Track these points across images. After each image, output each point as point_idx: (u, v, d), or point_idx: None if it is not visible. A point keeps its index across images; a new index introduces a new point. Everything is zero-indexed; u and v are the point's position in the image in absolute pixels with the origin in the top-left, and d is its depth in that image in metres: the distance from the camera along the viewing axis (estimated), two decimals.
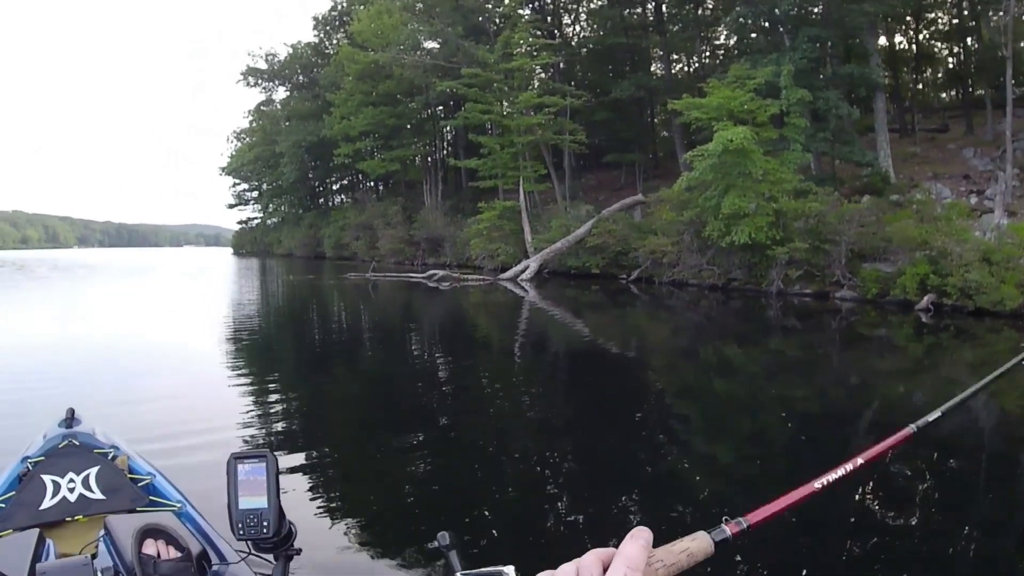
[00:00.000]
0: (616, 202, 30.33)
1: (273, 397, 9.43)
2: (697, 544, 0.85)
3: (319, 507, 5.41)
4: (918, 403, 8.89)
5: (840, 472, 1.11)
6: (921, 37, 34.61)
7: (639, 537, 0.77)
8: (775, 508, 0.99)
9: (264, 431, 7.47)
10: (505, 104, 32.71)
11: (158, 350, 13.45)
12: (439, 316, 20.19)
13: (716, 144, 19.42)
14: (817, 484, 1.07)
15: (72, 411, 3.40)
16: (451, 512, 5.32)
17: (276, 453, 6.53)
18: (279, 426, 7.88)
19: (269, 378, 10.85)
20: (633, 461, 6.71)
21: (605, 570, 0.75)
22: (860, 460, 1.15)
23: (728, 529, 0.88)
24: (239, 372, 11.24)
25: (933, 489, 6.04)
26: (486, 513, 5.38)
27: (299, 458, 6.55)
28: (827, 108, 22.76)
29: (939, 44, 35.78)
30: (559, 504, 5.69)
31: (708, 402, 9.29)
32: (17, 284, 35.52)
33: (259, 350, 14.03)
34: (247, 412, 8.24)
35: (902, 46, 35.04)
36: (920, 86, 37.73)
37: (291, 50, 60.84)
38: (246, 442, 6.91)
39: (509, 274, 27.91)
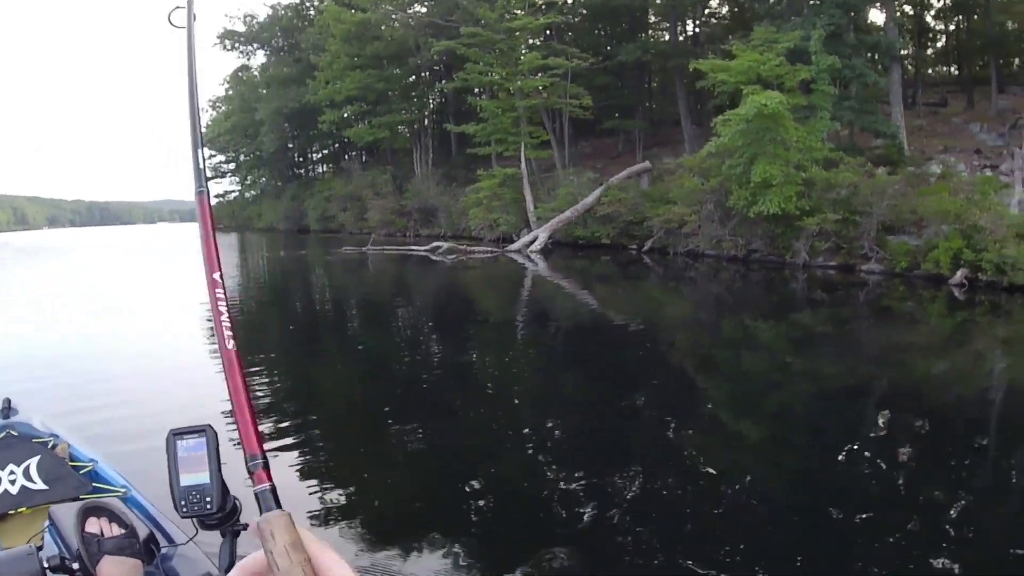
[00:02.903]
0: (616, 169, 28.93)
1: (277, 378, 9.29)
2: None
3: (305, 485, 5.34)
4: (952, 379, 8.71)
5: None
6: (923, 11, 34.02)
7: None
8: None
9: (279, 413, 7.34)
10: (505, 66, 30.82)
11: (123, 335, 12.96)
12: (446, 290, 19.08)
13: (748, 108, 18.09)
14: None
15: (8, 400, 3.31)
16: (446, 491, 5.21)
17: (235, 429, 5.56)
18: (282, 406, 7.77)
19: (281, 359, 10.53)
20: (649, 437, 6.55)
21: None
22: None
23: None
24: (212, 351, 10.40)
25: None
26: (483, 492, 5.25)
27: (286, 437, 6.44)
28: (853, 76, 21.88)
29: (938, 18, 35.19)
30: (564, 482, 5.43)
31: (730, 377, 8.98)
32: None
33: (263, 331, 13.54)
34: (212, 389, 7.85)
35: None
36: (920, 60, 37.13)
37: (271, 11, 58.20)
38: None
39: (517, 245, 26.44)
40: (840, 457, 5.76)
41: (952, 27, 35.01)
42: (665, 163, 28.41)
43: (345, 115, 44.50)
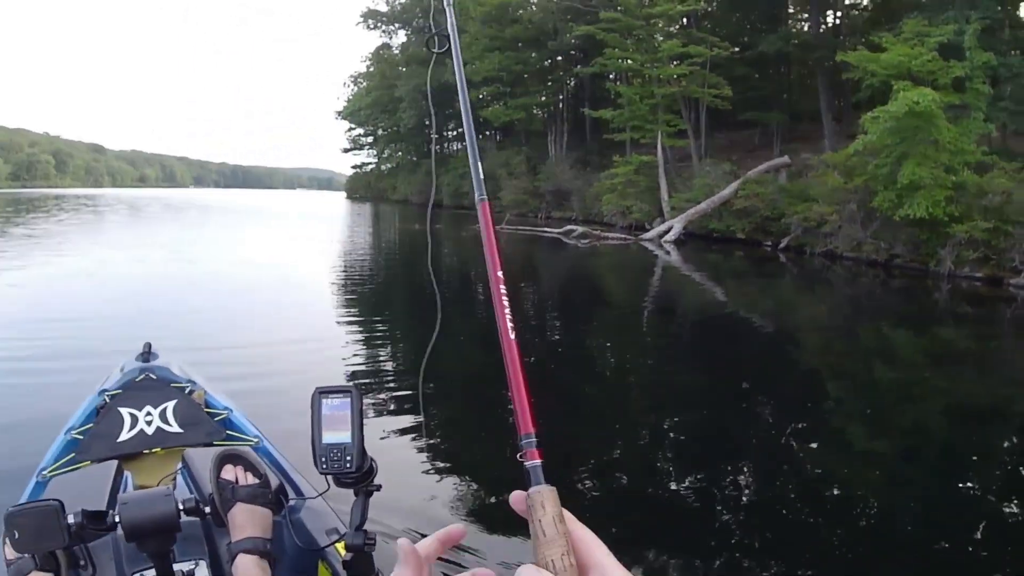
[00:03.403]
0: (751, 163, 28.52)
1: (381, 342, 9.76)
2: None
3: (415, 452, 5.55)
4: None
5: None
6: None
7: None
8: None
9: (366, 371, 7.76)
10: (644, 52, 30.91)
11: (267, 296, 13.59)
12: (578, 274, 19.30)
13: (900, 105, 17.56)
14: None
15: (149, 345, 3.37)
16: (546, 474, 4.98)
17: (377, 394, 6.81)
18: (387, 367, 8.22)
19: (384, 325, 11.12)
20: (767, 442, 6.37)
21: None
22: None
23: None
24: (348, 318, 11.53)
25: None
26: (585, 481, 5.25)
27: (400, 403, 6.68)
28: (1010, 75, 20.64)
29: None
30: (673, 481, 5.47)
31: (860, 388, 8.51)
32: (126, 223, 36.40)
33: (374, 297, 14.24)
34: (349, 354, 8.55)
35: None
36: None
37: None
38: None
39: (651, 234, 26.56)
40: (969, 484, 5.55)
41: None
42: (803, 158, 27.98)
43: (481, 95, 45.24)
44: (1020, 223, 16.67)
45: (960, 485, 5.56)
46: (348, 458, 1.75)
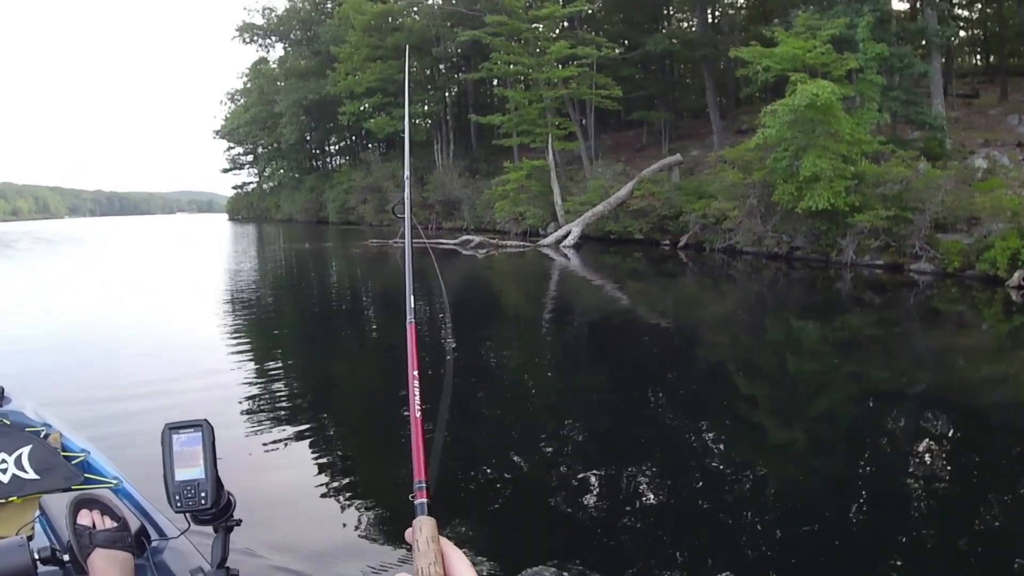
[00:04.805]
0: (641, 162, 28.33)
1: (258, 371, 9.22)
2: None
3: (292, 481, 5.45)
4: (1007, 386, 8.12)
5: None
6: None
7: None
8: None
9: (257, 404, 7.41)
10: (531, 56, 30.19)
11: (127, 325, 13.14)
12: (476, 286, 18.47)
13: (799, 98, 17.30)
14: None
15: (1, 389, 3.29)
16: (454, 484, 5.06)
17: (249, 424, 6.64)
18: (279, 399, 7.78)
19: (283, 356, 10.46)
20: (677, 440, 6.32)
21: None
22: None
23: None
24: (226, 348, 10.65)
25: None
26: (493, 484, 5.28)
27: (281, 430, 6.53)
28: (901, 66, 20.83)
29: (968, 6, 33.73)
30: (582, 483, 5.28)
31: (769, 379, 8.50)
32: None
33: (254, 324, 13.41)
34: (220, 386, 8.22)
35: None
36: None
37: (289, 4, 58.14)
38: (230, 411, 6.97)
39: (550, 240, 25.83)
40: (881, 466, 5.55)
41: (979, 15, 33.91)
42: (693, 156, 27.83)
43: (364, 107, 44.01)
44: (918, 210, 16.58)
45: (873, 469, 5.52)
46: (203, 494, 1.70)
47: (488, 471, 5.59)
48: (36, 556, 1.78)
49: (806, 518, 4.65)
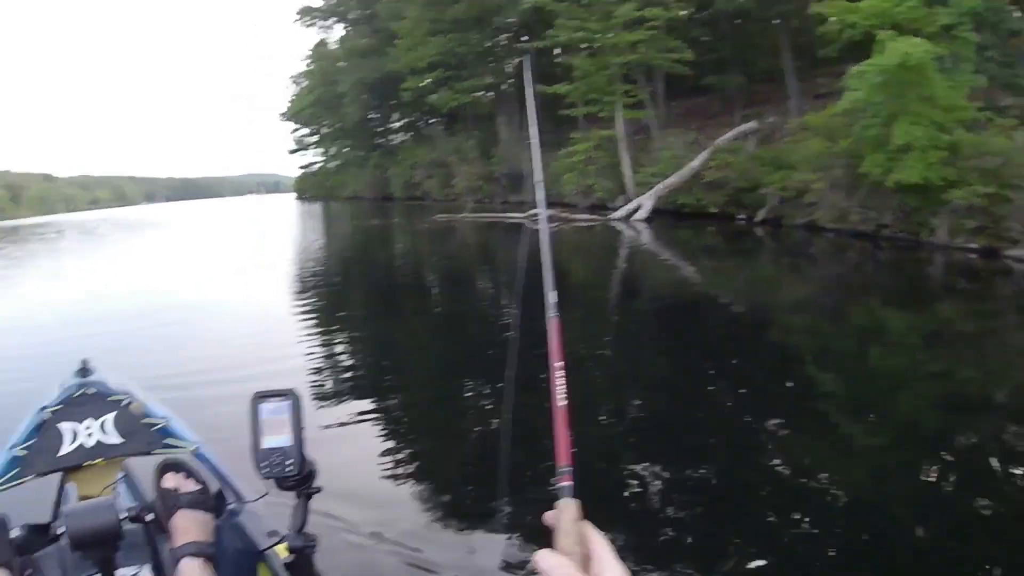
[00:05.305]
0: (713, 131, 26.90)
1: (332, 343, 9.90)
2: None
3: (365, 453, 5.63)
4: None
5: None
6: None
7: None
8: None
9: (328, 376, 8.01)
10: (597, 21, 29.00)
11: (208, 301, 13.99)
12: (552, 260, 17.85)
13: (890, 57, 15.78)
14: None
15: (86, 361, 3.34)
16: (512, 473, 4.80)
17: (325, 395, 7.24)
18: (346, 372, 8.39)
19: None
20: (742, 428, 6.07)
21: None
22: None
23: None
24: (298, 320, 11.30)
25: None
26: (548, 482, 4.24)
27: (360, 403, 6.93)
28: (996, 21, 18.68)
29: None
30: (638, 466, 5.24)
31: (846, 371, 8.00)
32: (74, 248, 35.64)
33: (326, 298, 14.05)
34: (296, 357, 8.68)
35: None
36: None
37: None
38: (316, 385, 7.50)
39: (620, 214, 24.87)
40: (960, 480, 5.13)
41: None
42: (770, 122, 26.41)
43: (426, 82, 43.72)
44: (1020, 187, 14.84)
45: (952, 477, 5.21)
46: (289, 461, 1.77)
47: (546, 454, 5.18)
48: (123, 515, 1.83)
49: (868, 524, 4.38)
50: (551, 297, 1.11)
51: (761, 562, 3.98)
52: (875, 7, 17.70)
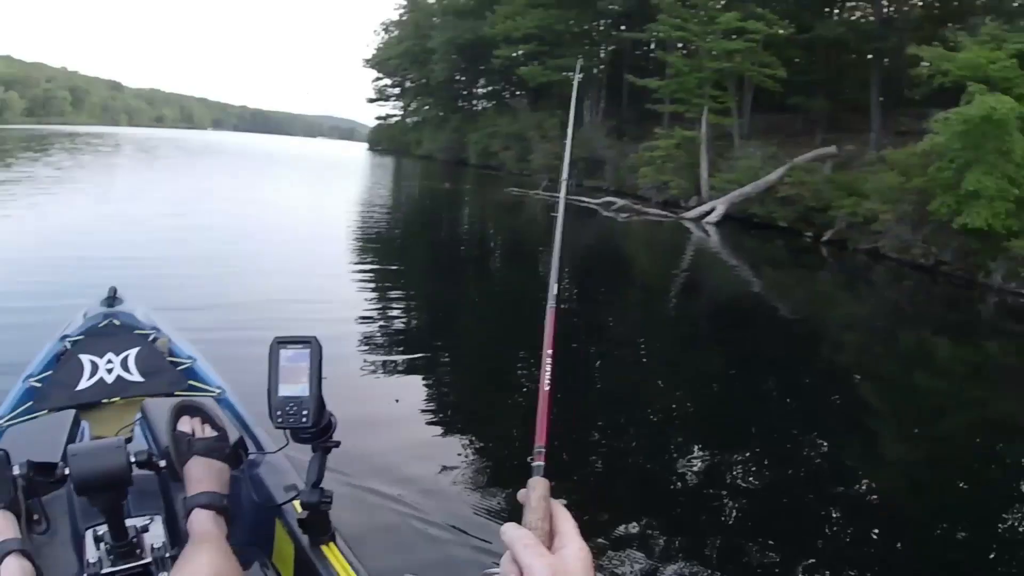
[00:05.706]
0: (793, 148, 27.37)
1: (382, 300, 9.73)
2: None
3: (397, 411, 5.62)
4: None
5: None
6: None
7: None
8: None
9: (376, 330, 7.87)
10: (699, 23, 29.77)
11: (252, 241, 13.58)
12: (615, 250, 18.88)
13: (976, 109, 16.56)
14: None
15: (114, 290, 3.29)
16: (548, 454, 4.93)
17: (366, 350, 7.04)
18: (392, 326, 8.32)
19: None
20: (784, 437, 6.21)
21: None
22: None
23: None
24: (352, 273, 11.23)
25: None
26: (589, 463, 5.13)
27: (395, 359, 6.92)
28: None
29: None
30: (681, 467, 5.37)
31: (894, 392, 8.29)
32: (132, 166, 34.78)
33: (384, 255, 13.90)
34: (343, 309, 8.62)
35: None
36: None
37: None
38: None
39: (693, 214, 25.68)
40: (995, 497, 5.41)
41: None
42: (847, 150, 27.05)
43: (518, 53, 44.18)
44: None
45: (987, 497, 5.41)
46: (304, 412, 1.70)
47: (589, 437, 5.65)
48: (133, 459, 1.74)
49: (902, 533, 4.63)
50: (553, 288, 1.14)
51: (795, 560, 4.17)
52: (971, 60, 18.42)
